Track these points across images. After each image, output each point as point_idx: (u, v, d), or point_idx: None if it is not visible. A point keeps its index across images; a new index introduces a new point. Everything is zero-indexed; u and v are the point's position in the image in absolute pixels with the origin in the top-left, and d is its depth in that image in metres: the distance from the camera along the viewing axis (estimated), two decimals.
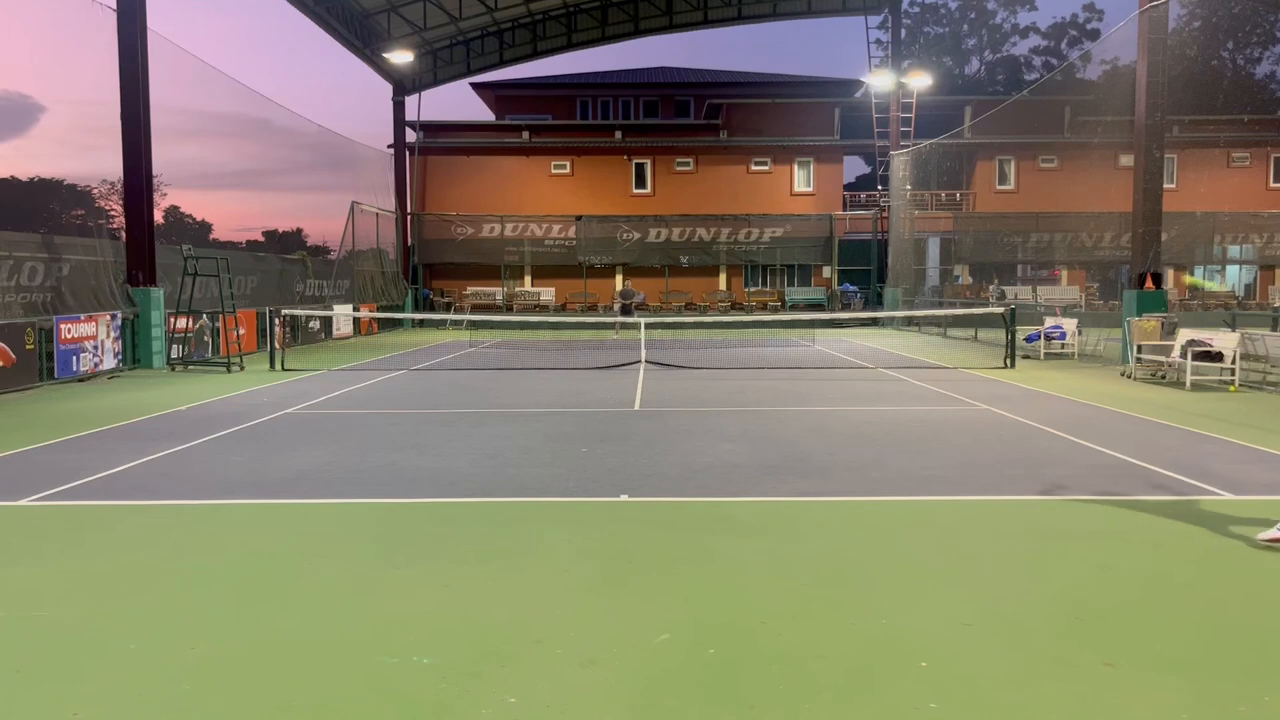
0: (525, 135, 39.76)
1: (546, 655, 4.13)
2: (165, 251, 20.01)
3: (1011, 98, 36.39)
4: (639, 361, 17.97)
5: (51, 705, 3.68)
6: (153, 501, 7.15)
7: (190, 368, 18.13)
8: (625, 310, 29.39)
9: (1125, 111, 18.90)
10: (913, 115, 35.27)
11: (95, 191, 33.44)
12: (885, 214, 36.39)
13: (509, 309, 37.76)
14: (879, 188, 37.30)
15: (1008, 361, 17.71)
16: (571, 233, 38.80)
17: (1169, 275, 36.00)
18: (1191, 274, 40.00)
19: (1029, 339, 20.68)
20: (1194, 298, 37.76)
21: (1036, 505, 6.91)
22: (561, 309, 37.86)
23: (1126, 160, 22.85)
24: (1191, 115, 37.06)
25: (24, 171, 35.40)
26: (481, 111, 48.42)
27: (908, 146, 34.16)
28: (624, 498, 7.10)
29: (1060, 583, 5.10)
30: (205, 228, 42.11)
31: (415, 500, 7.16)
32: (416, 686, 3.82)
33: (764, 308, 37.88)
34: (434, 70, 38.41)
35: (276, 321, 18.87)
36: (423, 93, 38.18)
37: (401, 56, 33.02)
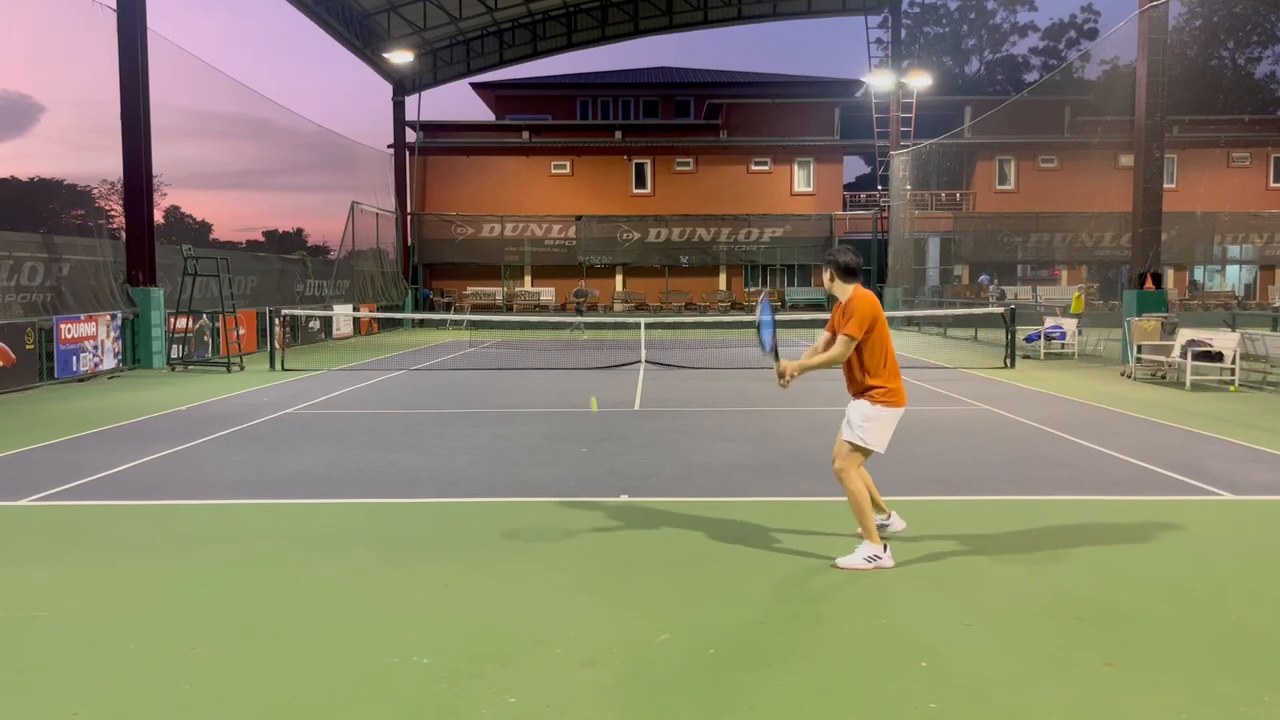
0: (525, 135, 39.77)
1: (546, 655, 4.12)
2: (165, 251, 20.01)
3: (1011, 98, 36.41)
4: (639, 361, 17.97)
5: (51, 705, 3.68)
6: (153, 501, 7.14)
7: (190, 368, 18.13)
8: (580, 310, 30.31)
9: (1125, 111, 18.90)
10: (913, 115, 35.26)
11: (95, 191, 33.45)
12: (885, 214, 36.39)
13: (509, 309, 37.76)
14: (879, 188, 37.29)
15: (1008, 361, 17.71)
16: (571, 233, 38.81)
17: (1169, 275, 36.00)
18: (1192, 274, 40.01)
19: (1029, 339, 20.69)
20: (1194, 297, 37.78)
21: (1036, 505, 6.90)
22: (561, 309, 37.87)
23: (1126, 160, 22.84)
24: (1191, 115, 37.09)
25: (24, 171, 35.43)
26: (481, 111, 48.45)
27: (908, 146, 34.16)
28: (624, 498, 7.10)
29: (1060, 583, 5.10)
30: (205, 228, 42.14)
31: (415, 500, 7.15)
32: (416, 686, 3.82)
33: None
34: (434, 70, 38.41)
35: (276, 321, 18.86)
36: (423, 93, 38.26)
37: (401, 56, 33.03)
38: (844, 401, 5.46)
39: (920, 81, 35.51)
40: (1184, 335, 14.97)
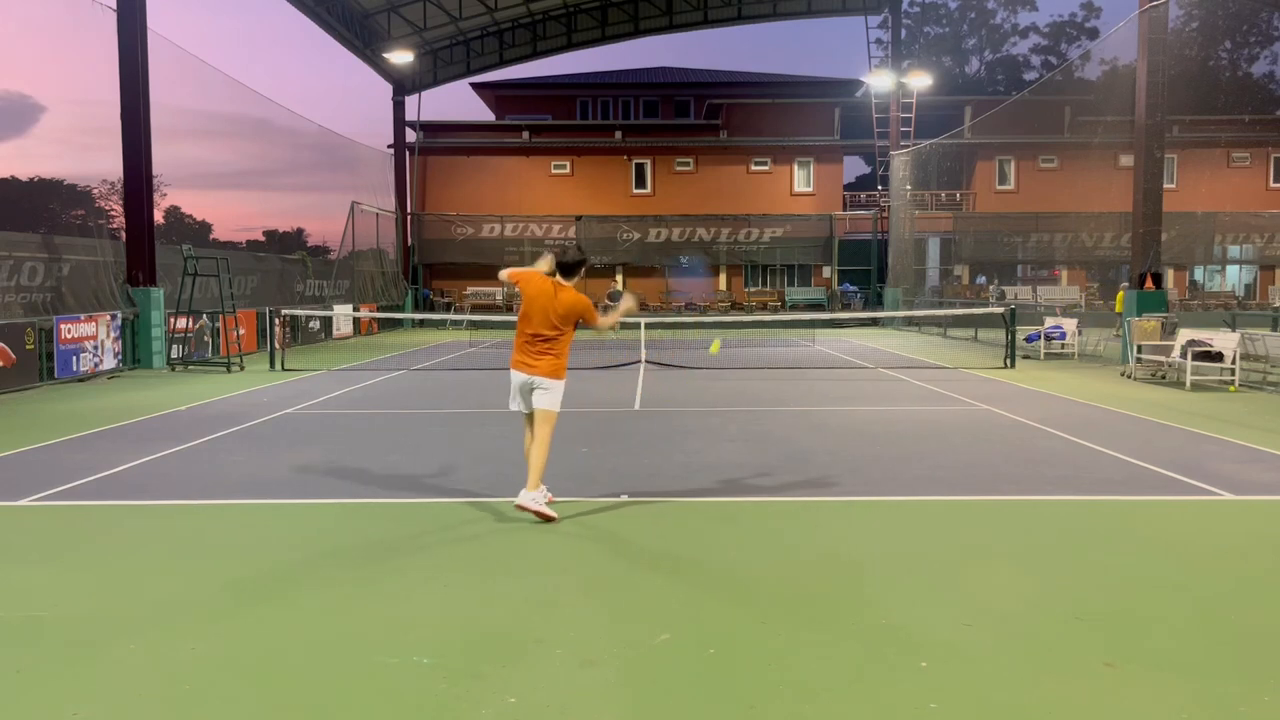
0: (525, 135, 39.77)
1: (546, 655, 4.12)
2: (165, 251, 20.00)
3: (1011, 98, 36.41)
4: (639, 361, 17.96)
5: (51, 705, 3.68)
6: (152, 501, 7.14)
7: (190, 368, 18.13)
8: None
9: (1125, 111, 18.90)
10: (913, 115, 35.25)
11: (95, 191, 33.40)
12: (885, 214, 36.39)
13: (509, 309, 37.75)
14: (879, 188, 37.29)
15: (1008, 362, 17.71)
16: (571, 233, 38.80)
17: (1169, 275, 35.99)
18: (1192, 274, 39.99)
19: (1029, 339, 20.69)
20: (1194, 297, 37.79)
21: (1037, 505, 6.90)
22: None
23: (1126, 160, 22.86)
24: (1191, 115, 37.06)
25: (24, 171, 35.42)
26: (481, 111, 48.42)
27: (908, 146, 34.15)
28: (624, 497, 7.10)
29: (1060, 583, 5.10)
30: (205, 228, 42.10)
31: (415, 500, 7.15)
32: (416, 686, 3.82)
33: (764, 308, 37.86)
34: (434, 70, 38.40)
35: (276, 321, 18.85)
36: (423, 93, 38.19)
37: (401, 56, 33.02)
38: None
39: (920, 81, 35.49)
40: (1184, 335, 14.97)
